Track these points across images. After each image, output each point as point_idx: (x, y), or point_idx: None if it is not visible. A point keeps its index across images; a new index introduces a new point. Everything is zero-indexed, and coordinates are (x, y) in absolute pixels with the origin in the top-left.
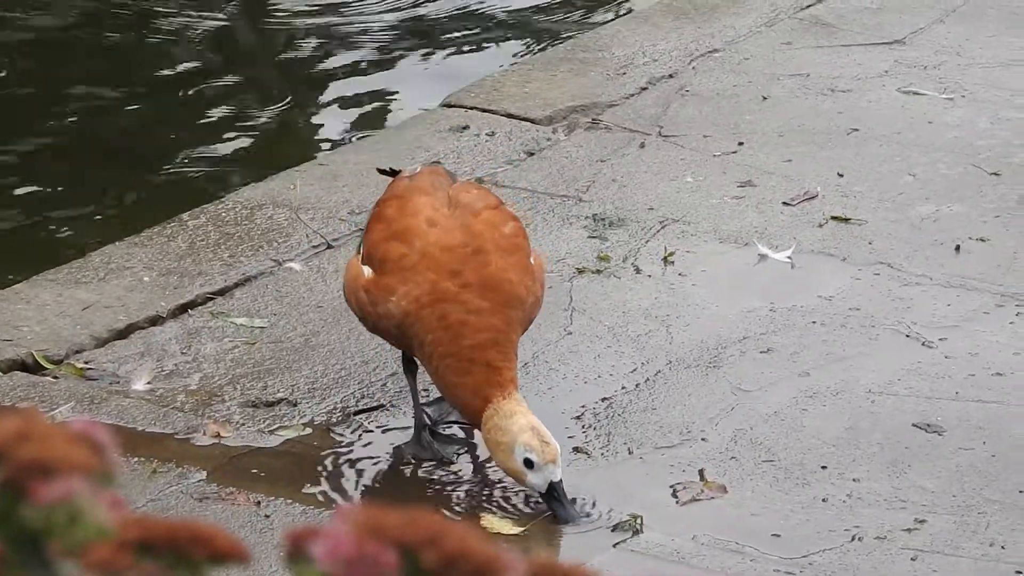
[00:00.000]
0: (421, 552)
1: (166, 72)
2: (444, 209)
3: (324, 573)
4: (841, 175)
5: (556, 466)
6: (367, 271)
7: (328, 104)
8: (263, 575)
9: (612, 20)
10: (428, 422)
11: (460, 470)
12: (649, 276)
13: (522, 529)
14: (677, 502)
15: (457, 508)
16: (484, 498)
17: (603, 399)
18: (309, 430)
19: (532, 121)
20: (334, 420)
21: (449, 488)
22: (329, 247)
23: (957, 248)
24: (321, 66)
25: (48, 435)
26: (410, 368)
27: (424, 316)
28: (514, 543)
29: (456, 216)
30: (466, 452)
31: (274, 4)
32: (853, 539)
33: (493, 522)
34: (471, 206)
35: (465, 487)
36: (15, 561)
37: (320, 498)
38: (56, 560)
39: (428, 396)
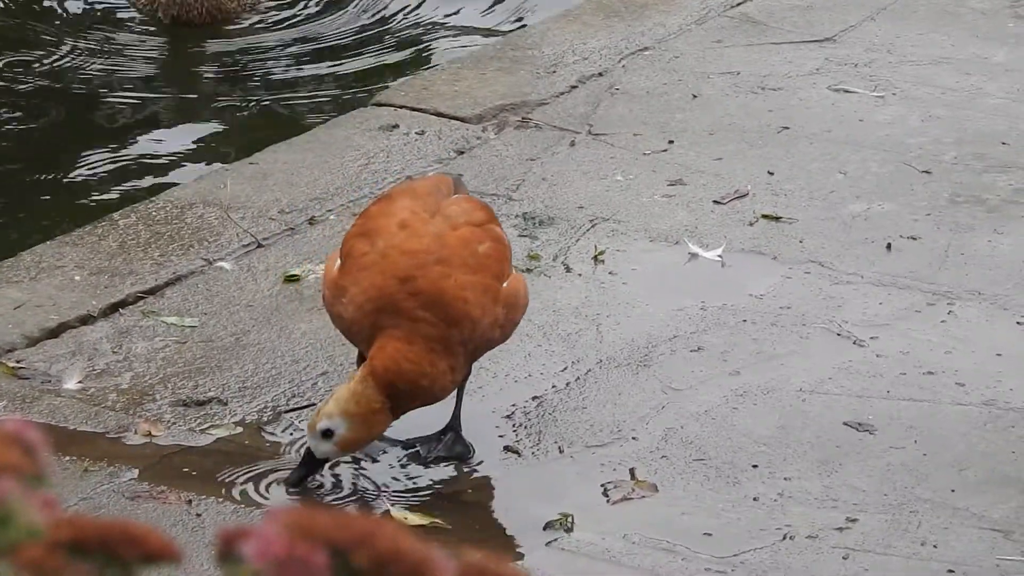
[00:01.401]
0: (353, 553)
1: (95, 72)
2: (425, 215)
3: (255, 574)
4: (772, 173)
5: (308, 435)
6: (338, 265)
7: (256, 102)
8: (195, 574)
9: (542, 19)
10: None
11: (392, 468)
12: (579, 275)
13: (429, 521)
14: (608, 501)
15: (392, 506)
16: (416, 494)
17: (534, 398)
18: (240, 429)
19: (462, 120)
20: (265, 419)
21: (382, 485)
22: (259, 246)
23: (888, 246)
24: (250, 64)
25: None
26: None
27: (365, 325)
28: (444, 541)
29: (433, 224)
30: (397, 449)
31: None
32: (784, 538)
33: (408, 515)
34: (452, 219)
35: (399, 484)
36: None
37: (251, 497)
38: None
39: None
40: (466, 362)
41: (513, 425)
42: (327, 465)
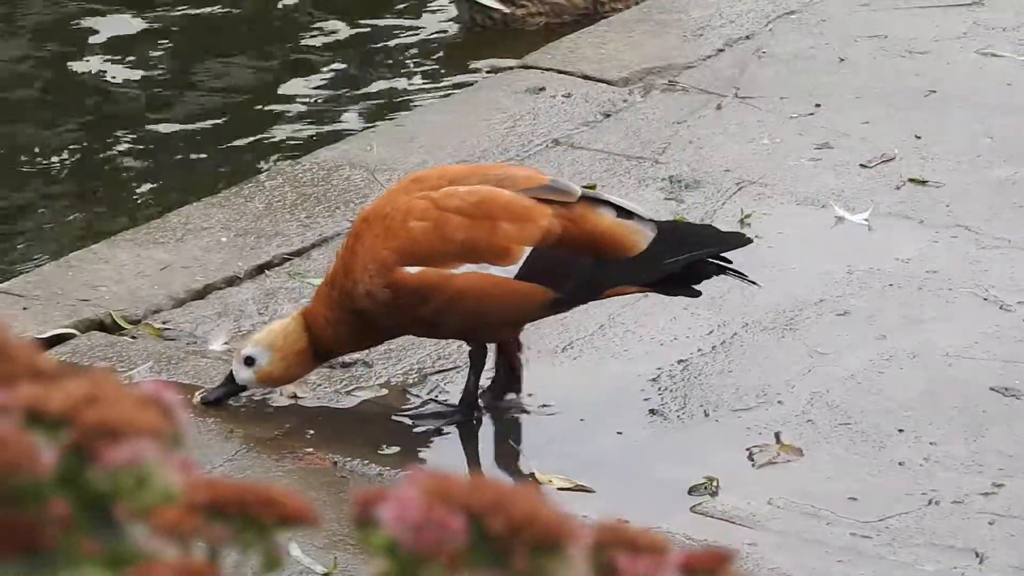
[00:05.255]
0: (489, 518)
1: (240, 33)
2: (443, 180)
3: (392, 538)
4: (919, 137)
5: (234, 357)
6: None
7: (405, 64)
8: (340, 536)
9: None
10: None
11: (537, 431)
12: None
13: (574, 484)
14: (753, 465)
15: (537, 468)
16: (560, 458)
17: (679, 361)
18: (385, 391)
19: (608, 82)
20: (410, 381)
21: (528, 447)
22: None
23: None
24: (398, 25)
25: (117, 398)
26: None
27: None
28: (588, 505)
29: (420, 190)
30: (530, 412)
31: None
32: (930, 503)
33: (553, 479)
34: (442, 191)
35: (538, 446)
36: (82, 524)
37: (396, 459)
38: (124, 523)
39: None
40: (352, 324)
41: (658, 388)
42: (445, 424)
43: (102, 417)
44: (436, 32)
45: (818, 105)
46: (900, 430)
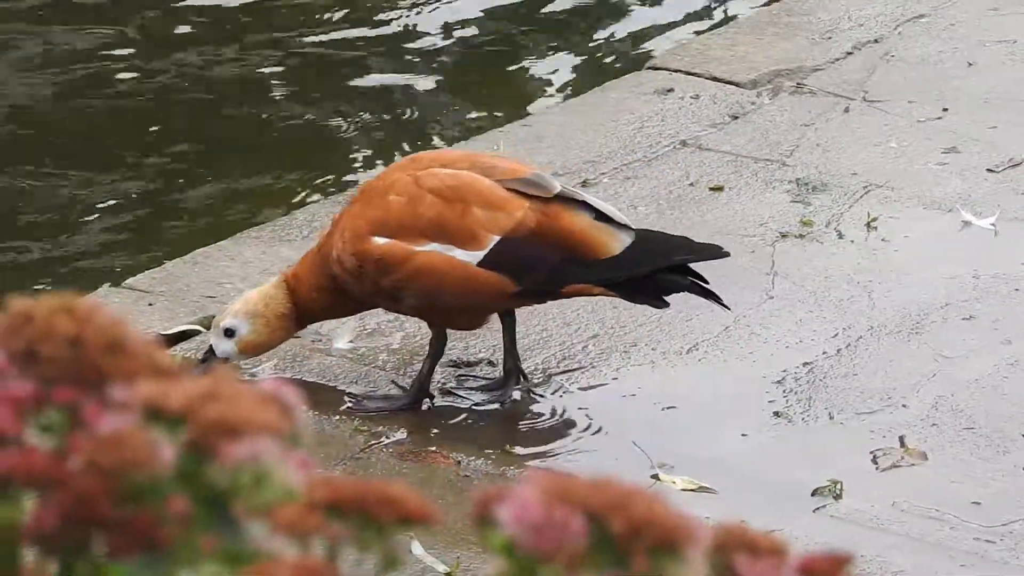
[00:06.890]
0: (608, 519)
1: (366, 32)
2: (435, 163)
3: (511, 538)
4: None
5: (212, 331)
6: None
7: (532, 64)
8: (463, 535)
9: None
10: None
11: (659, 432)
12: (852, 241)
13: (697, 486)
14: (877, 468)
15: (661, 469)
16: (684, 458)
17: (804, 364)
18: None
19: (737, 84)
20: (535, 381)
21: (652, 448)
22: None
23: None
24: (524, 26)
25: (236, 395)
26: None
27: None
28: (710, 506)
29: (414, 169)
30: (652, 413)
31: None
32: None
33: (676, 479)
34: (427, 171)
35: (662, 446)
36: (201, 521)
37: (519, 458)
38: (242, 521)
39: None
40: (330, 291)
41: (783, 391)
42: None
43: (221, 414)
44: None
45: (946, 109)
46: None
